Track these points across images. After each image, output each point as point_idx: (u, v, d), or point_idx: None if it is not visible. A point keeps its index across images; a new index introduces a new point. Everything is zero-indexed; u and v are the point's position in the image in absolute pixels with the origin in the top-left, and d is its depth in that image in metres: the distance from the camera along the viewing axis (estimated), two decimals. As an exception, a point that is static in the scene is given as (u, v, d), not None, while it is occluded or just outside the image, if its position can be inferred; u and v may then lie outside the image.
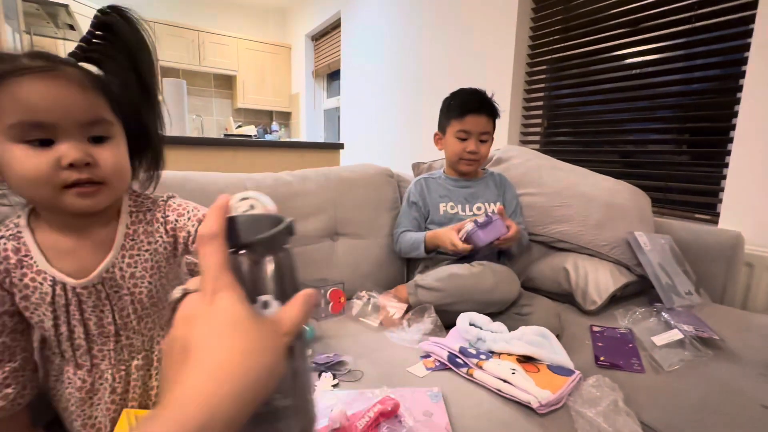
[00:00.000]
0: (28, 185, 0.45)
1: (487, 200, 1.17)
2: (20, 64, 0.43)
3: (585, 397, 0.65)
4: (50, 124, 0.44)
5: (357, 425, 0.55)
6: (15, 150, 0.43)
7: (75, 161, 0.44)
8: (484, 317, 0.83)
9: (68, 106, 0.44)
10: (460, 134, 1.13)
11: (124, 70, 0.50)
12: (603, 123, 1.64)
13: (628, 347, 0.85)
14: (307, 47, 4.25)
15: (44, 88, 0.43)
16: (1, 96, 0.42)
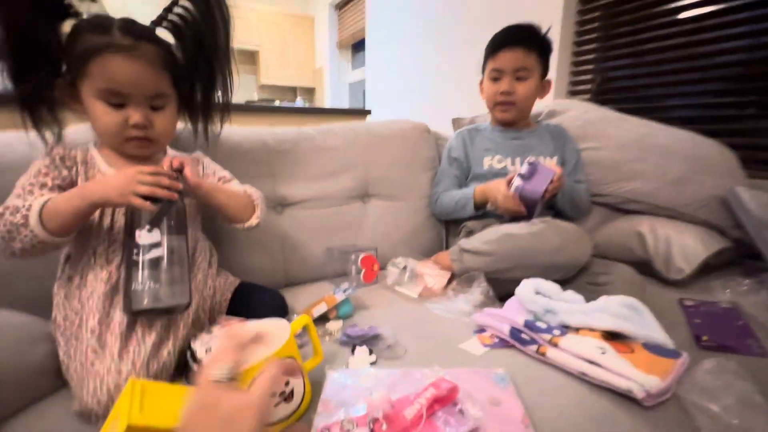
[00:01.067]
0: (103, 132, 0.61)
1: (541, 153, 1.00)
2: (114, 41, 0.56)
3: (701, 386, 0.49)
4: (126, 94, 0.59)
5: (404, 414, 0.42)
6: (98, 105, 0.58)
7: (137, 123, 0.60)
8: (553, 285, 0.68)
9: (141, 83, 0.59)
10: (493, 74, 0.98)
11: (190, 49, 0.64)
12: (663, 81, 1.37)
13: (737, 325, 0.67)
14: (331, 17, 4.06)
15: (127, 67, 0.57)
16: (95, 64, 0.56)
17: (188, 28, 0.63)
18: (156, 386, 0.45)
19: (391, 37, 2.94)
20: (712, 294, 0.79)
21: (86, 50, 0.55)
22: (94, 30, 0.56)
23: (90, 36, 0.55)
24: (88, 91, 0.58)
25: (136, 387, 0.43)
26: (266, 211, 0.75)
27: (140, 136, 0.61)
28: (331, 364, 0.56)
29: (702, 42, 1.24)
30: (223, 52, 0.66)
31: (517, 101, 0.97)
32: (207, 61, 0.65)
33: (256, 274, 0.86)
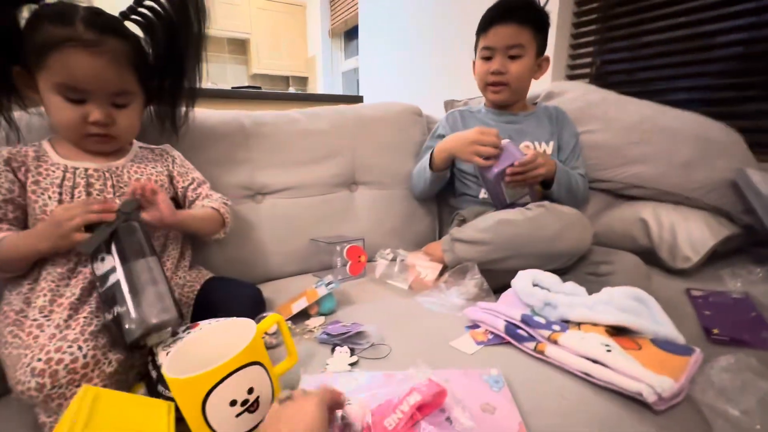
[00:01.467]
0: (60, 127, 0.58)
1: (536, 138, 0.94)
2: (76, 34, 0.52)
3: (718, 386, 0.44)
4: (86, 90, 0.55)
5: (385, 426, 0.36)
6: (56, 99, 0.55)
7: (98, 120, 0.57)
8: (552, 276, 0.62)
9: (103, 80, 0.56)
10: (484, 52, 0.91)
11: (161, 44, 0.62)
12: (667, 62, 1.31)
13: (750, 317, 0.62)
14: (323, 4, 3.95)
15: (89, 62, 0.54)
16: (54, 58, 0.52)
17: (160, 21, 0.61)
18: (112, 396, 0.39)
19: (384, 24, 2.85)
20: (722, 283, 0.74)
21: (46, 42, 0.52)
22: (56, 20, 0.52)
23: (51, 26, 0.52)
24: (45, 83, 0.54)
25: (88, 395, 0.38)
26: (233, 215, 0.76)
27: (101, 133, 0.58)
28: (307, 367, 0.50)
29: (703, 21, 1.18)
30: (196, 46, 0.64)
31: (510, 81, 0.90)
32: (178, 55, 0.63)
33: (234, 268, 0.80)
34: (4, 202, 0.55)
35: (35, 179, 0.56)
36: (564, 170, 0.87)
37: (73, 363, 0.43)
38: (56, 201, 0.56)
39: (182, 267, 0.65)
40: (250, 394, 0.39)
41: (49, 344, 0.43)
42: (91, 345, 0.45)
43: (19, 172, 0.56)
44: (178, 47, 0.63)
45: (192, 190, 0.71)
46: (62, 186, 0.56)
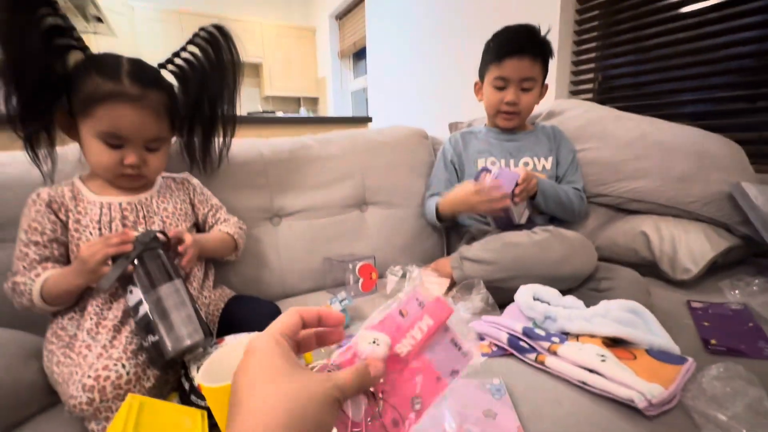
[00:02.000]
0: (99, 168, 0.63)
1: (535, 154, 0.99)
2: (123, 89, 0.58)
3: (709, 394, 0.47)
4: (125, 138, 0.61)
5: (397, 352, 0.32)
6: (96, 143, 0.60)
7: (133, 164, 0.62)
8: (552, 290, 0.66)
9: (142, 130, 0.62)
10: (497, 82, 0.94)
11: (193, 93, 0.69)
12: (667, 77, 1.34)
13: (747, 327, 0.65)
14: (332, 27, 4.10)
15: (133, 115, 0.60)
16: (102, 109, 0.58)
17: (194, 73, 0.67)
18: (155, 404, 0.44)
19: (391, 45, 2.96)
20: (722, 295, 0.76)
21: (94, 94, 0.57)
22: (104, 73, 0.58)
23: (99, 79, 0.57)
24: (89, 130, 0.59)
25: (134, 404, 0.43)
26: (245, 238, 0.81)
27: (134, 174, 0.64)
28: (324, 377, 0.55)
29: (707, 35, 1.21)
30: (230, 96, 0.70)
31: (521, 110, 0.95)
32: (210, 104, 0.70)
33: (253, 287, 0.85)
34: (50, 241, 0.60)
35: (76, 218, 0.61)
36: (549, 183, 0.92)
37: (118, 379, 0.48)
38: (96, 236, 0.61)
39: (207, 287, 0.71)
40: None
41: (96, 363, 0.49)
42: (133, 363, 0.50)
43: (60, 212, 0.61)
44: (210, 96, 0.69)
45: (212, 216, 0.77)
46: (101, 221, 0.62)
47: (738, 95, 1.18)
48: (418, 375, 0.32)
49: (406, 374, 0.32)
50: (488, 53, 0.97)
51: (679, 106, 1.34)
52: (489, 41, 0.99)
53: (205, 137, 0.76)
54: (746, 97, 1.16)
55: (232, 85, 0.70)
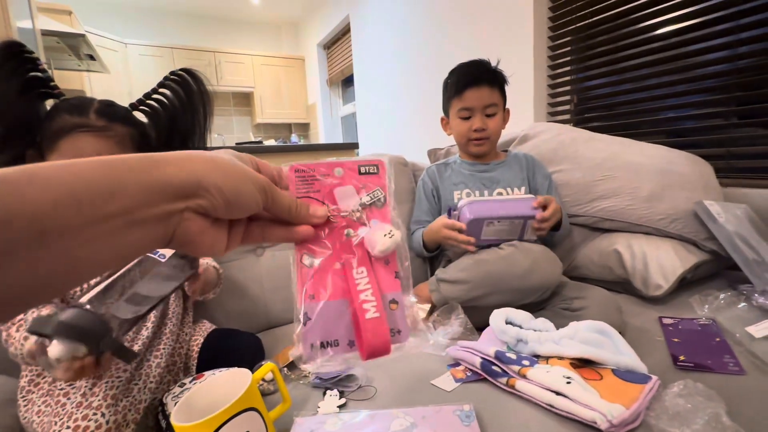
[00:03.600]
0: None
1: (509, 184, 1.01)
2: (87, 122, 0.59)
3: (671, 411, 0.49)
4: None
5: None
6: None
7: None
8: (523, 313, 0.68)
9: None
10: (463, 113, 1.00)
11: (164, 130, 0.67)
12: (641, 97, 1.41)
13: (714, 342, 0.67)
14: (320, 56, 4.24)
15: (95, 145, 0.59)
16: (66, 142, 0.58)
17: (164, 111, 0.67)
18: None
19: (376, 74, 3.06)
20: (692, 310, 0.78)
21: (60, 128, 0.58)
22: (73, 111, 0.60)
23: (67, 115, 0.59)
24: None
25: None
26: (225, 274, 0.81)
27: None
28: (300, 409, 0.56)
29: (682, 56, 1.27)
30: (201, 133, 0.70)
31: (490, 135, 1.00)
32: (182, 140, 0.68)
33: (236, 319, 0.86)
34: None
35: None
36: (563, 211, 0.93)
37: (98, 429, 0.49)
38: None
39: (186, 323, 0.72)
40: (247, 437, 0.44)
41: (76, 412, 0.49)
42: (112, 410, 0.51)
43: None
44: (182, 132, 0.68)
45: None
46: None
47: (712, 112, 1.23)
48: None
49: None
50: (448, 89, 1.03)
51: (654, 124, 1.40)
52: (446, 79, 1.05)
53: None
54: (720, 114, 1.22)
55: (203, 123, 0.70)
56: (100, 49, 3.14)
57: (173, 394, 0.57)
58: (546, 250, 0.79)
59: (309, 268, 0.32)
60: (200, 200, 0.25)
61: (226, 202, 0.26)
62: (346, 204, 0.33)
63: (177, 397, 0.56)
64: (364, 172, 0.35)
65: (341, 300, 0.31)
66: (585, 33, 1.55)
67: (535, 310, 0.75)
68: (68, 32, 2.54)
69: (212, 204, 0.25)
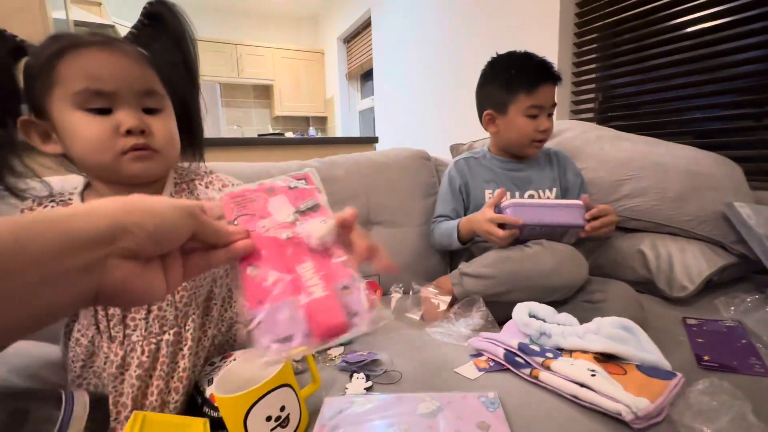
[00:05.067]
0: (91, 151, 0.48)
1: (540, 186, 0.99)
2: (83, 38, 0.48)
3: (695, 408, 0.49)
4: (110, 92, 0.48)
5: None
6: (78, 116, 0.47)
7: (132, 127, 0.48)
8: (547, 308, 0.68)
9: (126, 75, 0.49)
10: (532, 110, 0.91)
11: (170, 53, 0.55)
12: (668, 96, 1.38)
13: (740, 344, 0.66)
14: (340, 50, 4.25)
15: (105, 58, 0.48)
16: (66, 66, 0.46)
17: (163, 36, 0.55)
18: (158, 417, 0.48)
19: (396, 68, 3.06)
20: (717, 312, 0.77)
21: (50, 55, 0.46)
22: (58, 39, 0.48)
23: (53, 44, 0.47)
24: (61, 102, 0.46)
25: (138, 420, 0.46)
26: None
27: (139, 144, 0.49)
28: (329, 390, 0.58)
29: (711, 55, 1.24)
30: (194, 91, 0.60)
31: (548, 138, 0.96)
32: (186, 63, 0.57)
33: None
34: None
35: None
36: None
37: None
38: None
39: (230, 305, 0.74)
40: (282, 412, 0.47)
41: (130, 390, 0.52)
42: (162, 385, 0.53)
43: None
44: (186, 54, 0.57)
45: None
46: None
47: (743, 113, 1.20)
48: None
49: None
50: (515, 82, 0.92)
51: (681, 124, 1.38)
52: (505, 68, 0.95)
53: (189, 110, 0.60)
54: (751, 116, 1.19)
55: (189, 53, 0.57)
56: (128, 40, 3.21)
57: (204, 372, 0.59)
58: (573, 250, 0.79)
59: (254, 278, 0.32)
60: (122, 242, 0.23)
61: (150, 236, 0.25)
62: (282, 215, 0.35)
63: (207, 375, 0.58)
64: (294, 186, 0.38)
65: (291, 299, 0.31)
66: (612, 30, 1.53)
67: (557, 303, 0.75)
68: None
69: (137, 242, 0.24)
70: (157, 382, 0.55)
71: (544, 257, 0.77)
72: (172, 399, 0.56)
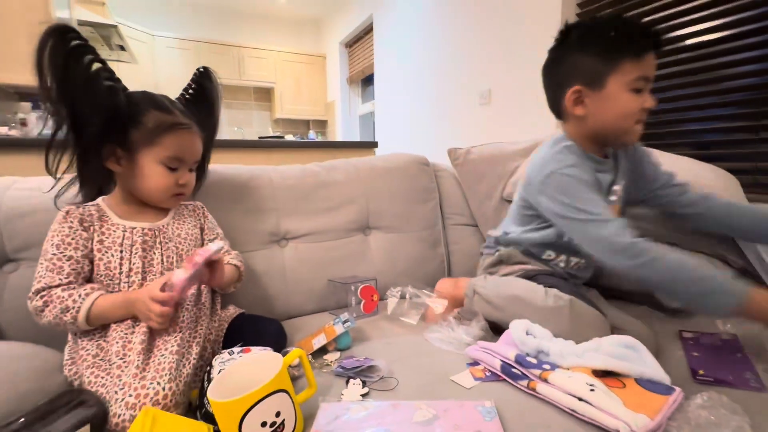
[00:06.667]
0: (155, 191, 0.70)
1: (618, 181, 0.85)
2: (180, 119, 0.70)
3: (694, 422, 0.49)
4: (184, 161, 0.72)
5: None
6: (158, 169, 0.69)
7: (185, 183, 0.73)
8: (545, 330, 0.67)
9: (195, 152, 0.74)
10: (638, 83, 0.72)
11: (204, 115, 0.79)
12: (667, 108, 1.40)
13: (735, 357, 0.66)
14: (341, 54, 4.28)
15: (189, 140, 0.72)
16: (169, 138, 0.68)
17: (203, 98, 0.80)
18: (167, 417, 0.47)
19: (397, 73, 3.07)
20: (713, 324, 0.77)
21: (161, 125, 0.68)
22: (161, 109, 0.69)
23: (159, 113, 0.68)
24: (154, 156, 0.68)
25: (148, 416, 0.46)
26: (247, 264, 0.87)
27: (183, 192, 0.73)
28: (325, 396, 0.57)
29: (710, 68, 1.26)
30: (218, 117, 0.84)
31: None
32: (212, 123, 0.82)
33: (259, 306, 0.89)
34: (83, 257, 0.63)
35: (100, 238, 0.65)
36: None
37: (156, 395, 0.52)
38: (118, 258, 0.65)
39: (215, 311, 0.75)
40: (278, 417, 0.46)
41: (134, 382, 0.53)
42: (166, 379, 0.54)
43: (88, 231, 0.65)
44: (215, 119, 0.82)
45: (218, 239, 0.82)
46: (122, 244, 0.66)
47: (740, 126, 1.21)
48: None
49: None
50: (615, 46, 0.72)
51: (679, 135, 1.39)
52: (606, 32, 0.73)
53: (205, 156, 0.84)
54: (748, 128, 1.20)
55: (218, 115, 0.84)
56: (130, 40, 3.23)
57: (221, 359, 0.58)
58: (597, 316, 0.70)
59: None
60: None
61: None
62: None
63: (223, 364, 0.57)
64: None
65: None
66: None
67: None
68: (102, 23, 2.62)
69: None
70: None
71: (563, 318, 0.68)
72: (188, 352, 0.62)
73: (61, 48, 0.59)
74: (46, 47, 0.58)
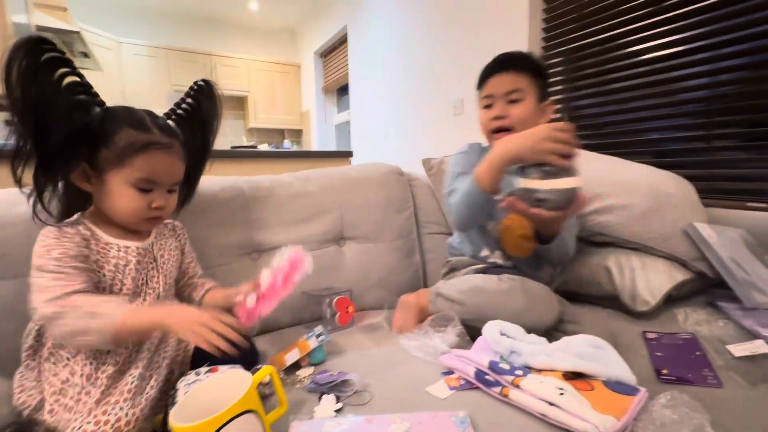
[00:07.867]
0: (125, 214, 0.65)
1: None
2: (156, 138, 0.64)
3: (658, 422, 0.50)
4: (157, 182, 0.65)
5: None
6: (127, 190, 0.63)
7: (159, 206, 0.66)
8: (517, 328, 0.69)
9: (172, 173, 0.68)
10: (485, 101, 0.92)
11: (194, 132, 0.76)
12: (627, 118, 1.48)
13: (695, 356, 0.69)
14: (316, 64, 4.27)
15: (165, 161, 0.66)
16: (140, 160, 0.62)
17: (196, 116, 0.76)
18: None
19: (371, 83, 3.10)
20: (675, 324, 0.81)
21: (132, 144, 0.62)
22: (137, 126, 0.63)
23: (133, 131, 0.62)
24: (123, 178, 0.62)
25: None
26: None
27: (158, 216, 0.67)
28: (297, 413, 0.56)
29: (666, 81, 1.35)
30: (214, 136, 0.80)
31: (514, 125, 0.87)
32: (204, 142, 0.78)
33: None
34: (89, 271, 0.60)
35: (95, 257, 0.62)
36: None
37: (118, 422, 0.49)
38: (110, 278, 0.62)
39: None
40: (247, 440, 0.44)
41: (96, 408, 0.50)
42: (129, 405, 0.52)
43: (89, 248, 0.61)
44: (206, 136, 0.77)
45: (192, 267, 0.80)
46: (116, 265, 0.63)
47: (694, 135, 1.29)
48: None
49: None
50: (478, 82, 0.96)
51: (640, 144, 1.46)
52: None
53: (193, 175, 0.80)
54: (701, 137, 1.28)
55: (210, 134, 0.78)
56: (95, 47, 3.11)
57: (186, 381, 0.56)
58: (546, 290, 0.80)
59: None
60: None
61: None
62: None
63: (189, 386, 0.55)
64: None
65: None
66: (576, 54, 1.62)
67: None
68: (63, 29, 2.52)
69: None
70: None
71: (516, 296, 0.77)
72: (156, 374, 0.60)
73: (33, 60, 0.54)
74: (16, 58, 0.53)
